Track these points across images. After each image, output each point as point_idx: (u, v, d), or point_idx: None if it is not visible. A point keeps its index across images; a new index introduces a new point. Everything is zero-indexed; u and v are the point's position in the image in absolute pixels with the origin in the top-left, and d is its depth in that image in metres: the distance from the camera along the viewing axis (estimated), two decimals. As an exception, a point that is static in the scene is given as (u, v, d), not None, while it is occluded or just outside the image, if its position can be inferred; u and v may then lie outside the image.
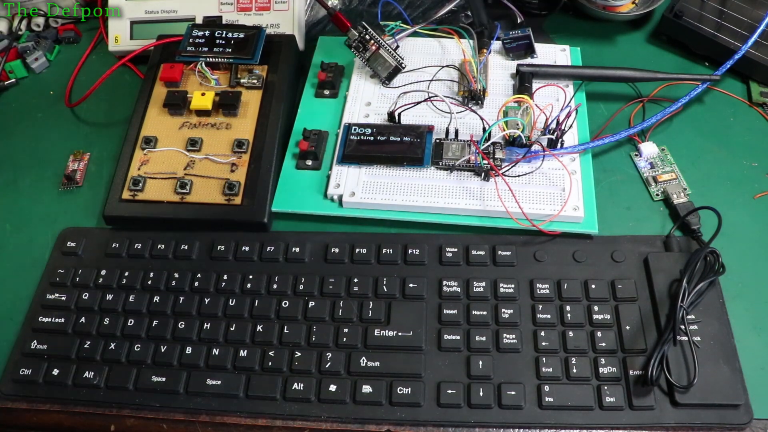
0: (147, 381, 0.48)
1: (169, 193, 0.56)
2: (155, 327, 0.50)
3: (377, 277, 0.51)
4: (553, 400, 0.45)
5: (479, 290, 0.50)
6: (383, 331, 0.49)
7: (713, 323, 0.47)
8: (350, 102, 0.60)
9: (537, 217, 0.52)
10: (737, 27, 0.62)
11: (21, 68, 0.70)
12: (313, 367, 0.48)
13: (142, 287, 0.53)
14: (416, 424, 0.46)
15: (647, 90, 0.62)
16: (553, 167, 0.54)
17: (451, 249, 0.52)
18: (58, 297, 0.53)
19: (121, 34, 0.67)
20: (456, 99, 0.59)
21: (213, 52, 0.61)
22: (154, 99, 0.61)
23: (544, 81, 0.59)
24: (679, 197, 0.54)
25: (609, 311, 0.49)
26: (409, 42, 0.64)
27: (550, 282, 0.50)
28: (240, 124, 0.59)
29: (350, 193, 0.54)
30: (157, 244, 0.55)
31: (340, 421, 0.46)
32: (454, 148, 0.55)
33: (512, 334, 0.48)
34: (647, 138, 0.59)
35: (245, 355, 0.49)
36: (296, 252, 0.53)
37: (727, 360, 0.46)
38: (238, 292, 0.52)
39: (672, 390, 0.45)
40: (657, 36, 0.67)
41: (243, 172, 0.56)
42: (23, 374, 0.49)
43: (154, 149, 0.58)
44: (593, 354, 0.47)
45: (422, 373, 0.47)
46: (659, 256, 0.51)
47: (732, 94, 0.62)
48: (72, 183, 0.61)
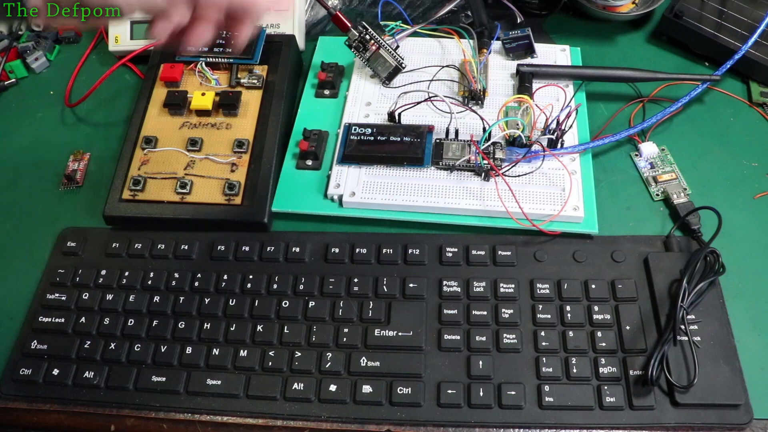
0: (147, 381, 0.48)
1: (169, 193, 0.56)
2: (155, 327, 0.50)
3: (377, 277, 0.51)
4: (553, 400, 0.45)
5: (479, 290, 0.50)
6: (383, 331, 0.49)
7: (713, 323, 0.47)
8: (350, 102, 0.60)
9: (537, 217, 0.52)
10: (737, 27, 0.62)
11: (21, 68, 0.70)
12: (313, 367, 0.48)
13: (142, 287, 0.53)
14: (416, 424, 0.46)
15: (647, 90, 0.62)
16: (553, 167, 0.54)
17: (451, 249, 0.52)
18: (58, 297, 0.53)
19: (121, 34, 0.67)
20: (456, 99, 0.59)
21: (213, 52, 0.61)
22: (154, 99, 0.61)
23: (544, 81, 0.59)
24: (679, 197, 0.54)
25: (609, 311, 0.49)
26: (409, 42, 0.64)
27: (550, 282, 0.50)
28: (240, 124, 0.59)
29: (350, 193, 0.54)
30: (157, 244, 0.55)
31: (341, 421, 0.46)
32: (454, 148, 0.55)
33: (512, 334, 0.48)
34: (647, 138, 0.58)
35: (245, 355, 0.49)
36: (296, 252, 0.53)
37: (727, 360, 0.46)
38: (238, 292, 0.52)
39: (672, 390, 0.45)
40: (657, 36, 0.67)
41: (243, 172, 0.56)
42: (23, 374, 0.49)
43: (155, 149, 0.58)
44: (593, 354, 0.47)
45: (422, 373, 0.47)
46: (659, 256, 0.51)
47: (732, 94, 0.62)
48: (72, 183, 0.61)
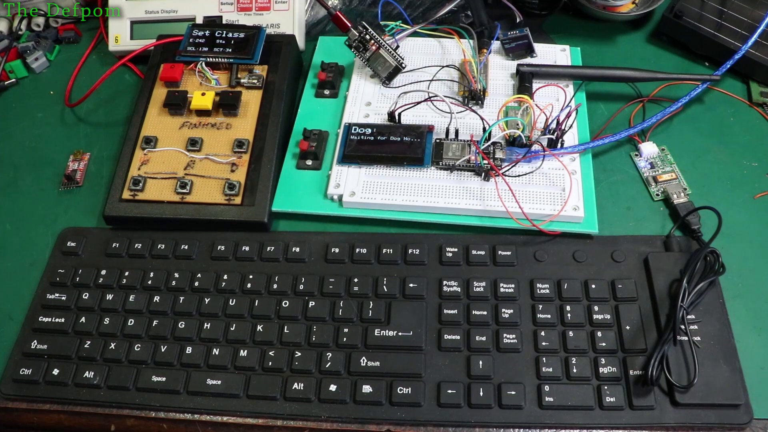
0: (147, 381, 0.48)
1: (169, 193, 0.56)
2: (155, 327, 0.50)
3: (377, 277, 0.51)
4: (553, 400, 0.45)
5: (479, 290, 0.50)
6: (383, 331, 0.49)
7: (713, 323, 0.47)
8: (350, 102, 0.60)
9: (537, 217, 0.52)
10: (737, 27, 0.62)
11: (21, 68, 0.70)
12: (313, 367, 0.48)
13: (142, 287, 0.53)
14: (416, 424, 0.46)
15: (647, 90, 0.62)
16: (553, 167, 0.54)
17: (451, 249, 0.52)
18: (58, 297, 0.53)
19: (121, 34, 0.67)
20: (456, 99, 0.59)
21: (213, 52, 0.61)
22: (154, 99, 0.61)
23: (544, 81, 0.59)
24: (679, 197, 0.54)
25: (609, 311, 0.49)
26: (409, 42, 0.64)
27: (550, 282, 0.50)
28: (240, 124, 0.59)
29: (350, 193, 0.54)
30: (157, 244, 0.55)
31: (341, 421, 0.46)
32: (454, 148, 0.55)
33: (512, 334, 0.48)
34: (647, 138, 0.59)
35: (245, 355, 0.49)
36: (296, 252, 0.53)
37: (727, 360, 0.46)
38: (238, 292, 0.52)
39: (672, 390, 0.45)
40: (657, 36, 0.67)
41: (243, 172, 0.56)
42: (23, 374, 0.49)
43: (155, 149, 0.58)
44: (593, 354, 0.47)
45: (422, 373, 0.47)
46: (659, 256, 0.51)
47: (732, 94, 0.62)
48: (72, 183, 0.61)
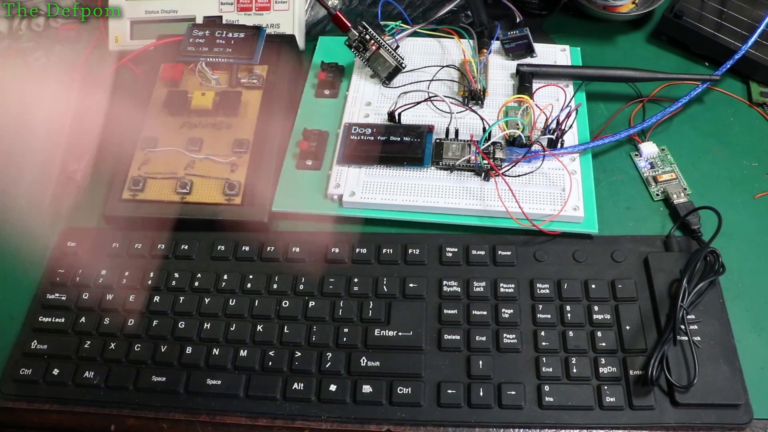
0: (147, 381, 0.48)
1: (169, 193, 0.56)
2: (155, 327, 0.50)
3: (377, 277, 0.51)
4: (553, 400, 0.45)
5: (479, 290, 0.50)
6: (383, 331, 0.49)
7: (713, 323, 0.47)
8: (350, 102, 0.60)
9: (537, 217, 0.52)
10: (737, 27, 0.62)
11: (21, 68, 0.70)
12: (313, 367, 0.48)
13: (142, 287, 0.52)
14: (416, 424, 0.46)
15: (647, 90, 0.62)
16: (553, 167, 0.54)
17: (451, 249, 0.52)
18: (59, 297, 0.53)
19: (121, 34, 0.67)
20: (456, 99, 0.59)
21: (213, 52, 0.61)
22: (154, 99, 0.61)
23: (544, 81, 0.59)
24: (679, 197, 0.54)
25: (609, 311, 0.49)
26: (409, 42, 0.64)
27: (550, 282, 0.50)
28: (240, 124, 0.59)
29: (350, 193, 0.54)
30: (157, 244, 0.55)
31: (341, 421, 0.46)
32: (454, 148, 0.55)
33: (512, 334, 0.48)
34: (647, 138, 0.58)
35: (245, 355, 0.49)
36: (296, 252, 0.53)
37: (727, 360, 0.46)
38: (238, 292, 0.52)
39: (672, 390, 0.45)
40: (657, 36, 0.67)
41: (243, 172, 0.56)
42: (23, 374, 0.49)
43: (155, 149, 0.58)
44: (593, 354, 0.47)
45: (422, 373, 0.47)
46: (659, 256, 0.51)
47: (732, 94, 0.62)
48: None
